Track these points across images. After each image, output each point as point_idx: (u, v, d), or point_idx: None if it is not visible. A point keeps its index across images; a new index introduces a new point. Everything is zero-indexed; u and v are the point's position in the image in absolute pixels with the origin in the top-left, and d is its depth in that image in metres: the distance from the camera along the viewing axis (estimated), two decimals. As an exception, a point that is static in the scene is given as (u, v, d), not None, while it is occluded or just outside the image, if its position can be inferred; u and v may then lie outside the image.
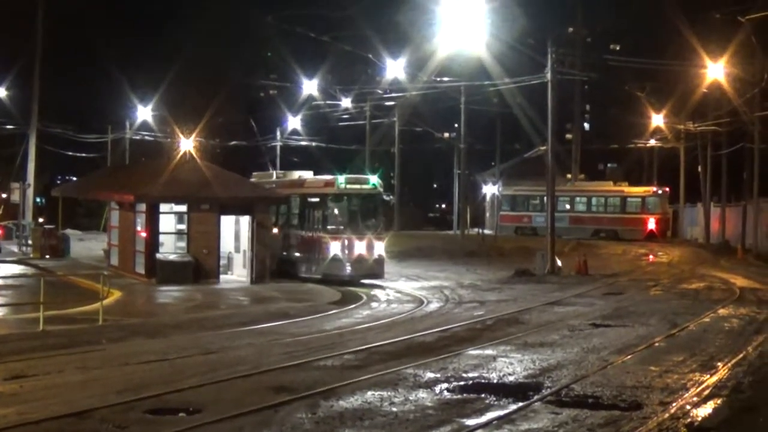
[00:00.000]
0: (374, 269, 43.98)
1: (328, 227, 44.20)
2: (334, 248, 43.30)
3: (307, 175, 50.15)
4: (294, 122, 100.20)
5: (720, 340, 25.59)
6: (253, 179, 54.12)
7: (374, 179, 45.62)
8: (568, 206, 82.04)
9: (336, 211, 44.85)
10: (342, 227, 43.95)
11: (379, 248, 44.09)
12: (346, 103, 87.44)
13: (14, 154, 74.83)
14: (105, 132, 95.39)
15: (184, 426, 15.01)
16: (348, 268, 43.40)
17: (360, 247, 43.27)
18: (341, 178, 44.64)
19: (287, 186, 49.08)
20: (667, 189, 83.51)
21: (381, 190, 45.88)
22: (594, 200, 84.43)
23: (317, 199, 45.30)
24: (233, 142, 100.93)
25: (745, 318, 30.96)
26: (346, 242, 43.24)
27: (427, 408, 16.67)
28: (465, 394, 17.91)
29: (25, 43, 72.98)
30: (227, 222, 43.36)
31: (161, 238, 42.59)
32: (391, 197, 56.52)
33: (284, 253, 46.87)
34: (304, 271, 45.19)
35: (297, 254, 46.39)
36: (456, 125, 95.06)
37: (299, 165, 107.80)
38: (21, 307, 32.28)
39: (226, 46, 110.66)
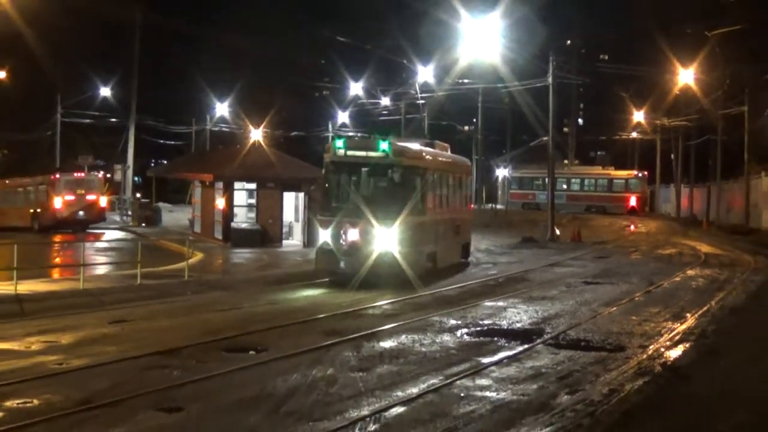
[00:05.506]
0: (380, 269, 26.04)
1: (322, 208, 28.30)
2: (323, 235, 27.10)
3: None
4: (343, 117, 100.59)
5: (689, 296, 25.38)
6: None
7: (385, 144, 27.05)
8: (565, 186, 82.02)
9: (335, 187, 27.97)
10: (339, 208, 27.04)
11: (388, 240, 26.10)
12: (385, 101, 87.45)
13: (117, 142, 75.19)
14: (190, 124, 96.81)
15: (253, 362, 15.05)
16: (342, 264, 26.71)
17: (353, 235, 26.40)
18: (339, 142, 28.00)
19: None
20: (646, 173, 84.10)
21: (397, 157, 27.12)
22: (586, 181, 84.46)
23: (323, 171, 28.74)
24: (294, 133, 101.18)
25: (709, 278, 30.68)
26: (341, 230, 26.58)
27: (451, 349, 16.63)
28: (481, 338, 17.85)
29: (124, 53, 73.89)
30: (289, 197, 43.33)
31: (235, 210, 42.75)
32: (425, 168, 28.45)
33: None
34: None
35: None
36: (474, 120, 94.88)
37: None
38: (122, 265, 32.63)
39: (290, 54, 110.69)
